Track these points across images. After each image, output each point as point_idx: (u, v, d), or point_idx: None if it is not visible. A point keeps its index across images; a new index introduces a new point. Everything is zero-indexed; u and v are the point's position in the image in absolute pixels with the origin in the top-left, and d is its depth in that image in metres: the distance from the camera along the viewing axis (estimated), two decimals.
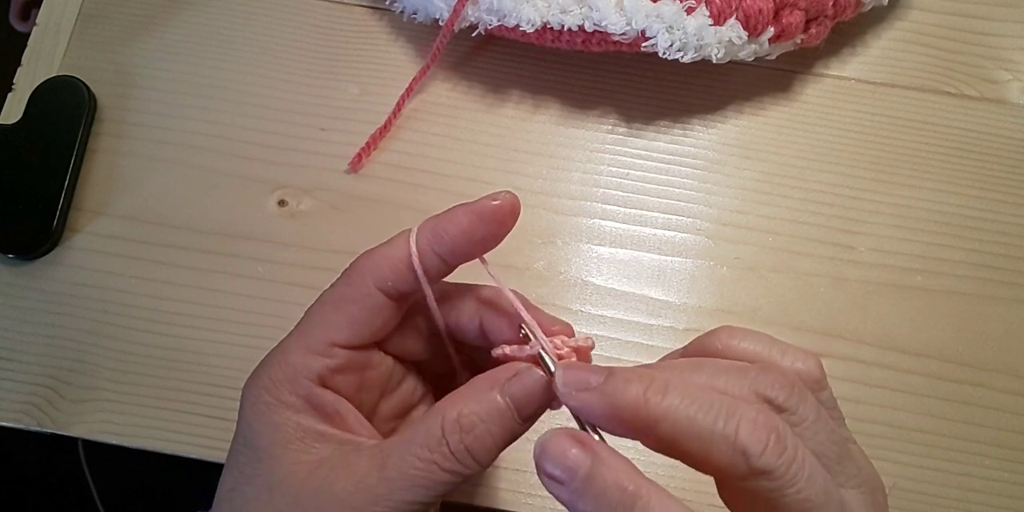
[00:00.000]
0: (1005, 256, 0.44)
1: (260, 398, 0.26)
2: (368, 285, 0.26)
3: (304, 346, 0.26)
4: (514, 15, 0.41)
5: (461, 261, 0.27)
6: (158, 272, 0.44)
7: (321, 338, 0.26)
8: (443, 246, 0.26)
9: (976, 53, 0.48)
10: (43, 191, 0.44)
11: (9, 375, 0.42)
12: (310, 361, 0.26)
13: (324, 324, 0.27)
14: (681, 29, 0.39)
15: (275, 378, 0.26)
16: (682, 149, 0.46)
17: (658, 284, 0.43)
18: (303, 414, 0.26)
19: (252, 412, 0.26)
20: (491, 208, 0.26)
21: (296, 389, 0.26)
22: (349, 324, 0.26)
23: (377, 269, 0.27)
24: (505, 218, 0.26)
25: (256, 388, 0.26)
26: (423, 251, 0.26)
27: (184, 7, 0.48)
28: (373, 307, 0.26)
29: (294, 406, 0.26)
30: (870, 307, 0.43)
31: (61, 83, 0.46)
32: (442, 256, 0.26)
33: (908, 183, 0.45)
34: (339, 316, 0.27)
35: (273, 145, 0.46)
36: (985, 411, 0.41)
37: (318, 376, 0.26)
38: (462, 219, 0.26)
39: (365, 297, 0.26)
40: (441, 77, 0.47)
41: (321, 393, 0.26)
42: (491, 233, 0.26)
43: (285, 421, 0.25)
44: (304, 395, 0.26)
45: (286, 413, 0.25)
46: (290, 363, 0.26)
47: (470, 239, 0.26)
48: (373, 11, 0.48)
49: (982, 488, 0.40)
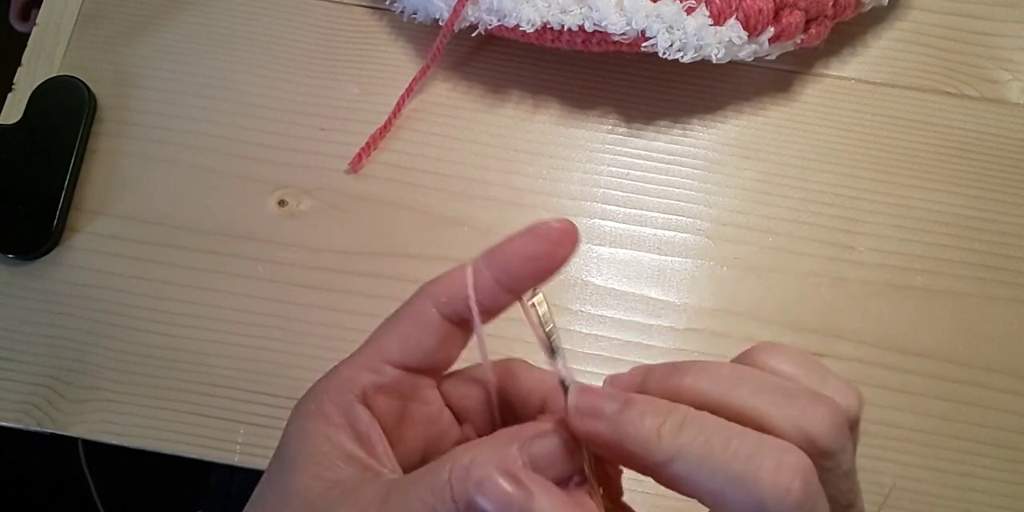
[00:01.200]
0: (1005, 256, 0.44)
1: (304, 407, 0.26)
2: (423, 302, 0.26)
3: (357, 362, 0.26)
4: (514, 15, 0.41)
5: (516, 284, 0.26)
6: (158, 272, 0.44)
7: (373, 354, 0.26)
8: (496, 263, 0.26)
9: (976, 53, 0.48)
10: (43, 191, 0.44)
11: (9, 375, 0.42)
12: (359, 375, 0.26)
13: (378, 341, 0.26)
14: (681, 29, 0.39)
15: (322, 388, 0.26)
16: (682, 149, 0.46)
17: (658, 284, 0.43)
18: (337, 429, 0.25)
19: (293, 419, 0.26)
20: (544, 227, 0.25)
21: (339, 401, 0.25)
22: (400, 340, 0.26)
23: (434, 287, 0.26)
24: (561, 238, 0.25)
25: (304, 398, 0.26)
26: (477, 270, 0.26)
27: (184, 7, 0.48)
28: (425, 324, 0.26)
29: (331, 419, 0.25)
30: (870, 307, 0.43)
31: (61, 83, 0.46)
32: (496, 275, 0.26)
33: (908, 183, 0.45)
34: (393, 333, 0.26)
35: (273, 145, 0.46)
36: (985, 411, 0.41)
37: (362, 391, 0.26)
38: (515, 238, 0.26)
39: (418, 313, 0.26)
40: (441, 77, 0.47)
41: (359, 410, 0.25)
42: (546, 252, 0.25)
43: (318, 432, 0.25)
44: (343, 409, 0.25)
45: (320, 424, 0.25)
46: (341, 376, 0.26)
47: (523, 256, 0.25)
48: (373, 11, 0.48)
49: (982, 488, 0.40)
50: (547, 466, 0.24)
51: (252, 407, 0.41)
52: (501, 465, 0.23)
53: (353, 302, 0.43)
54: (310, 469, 0.24)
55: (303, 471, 0.24)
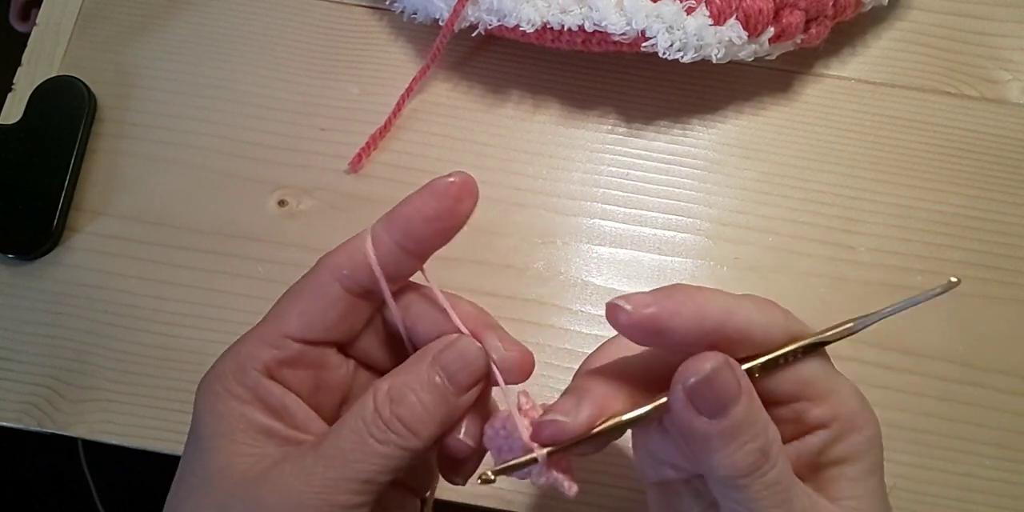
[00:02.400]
0: (1005, 256, 0.44)
1: (209, 387, 0.25)
2: (323, 275, 0.26)
3: (257, 337, 0.26)
4: (514, 15, 0.41)
5: (421, 248, 0.26)
6: (158, 272, 0.44)
7: (273, 329, 0.26)
8: (396, 228, 0.25)
9: (976, 53, 0.48)
10: (43, 191, 0.44)
11: (9, 375, 0.42)
12: (259, 351, 0.25)
13: (278, 316, 0.26)
14: (681, 29, 0.39)
15: (225, 368, 0.25)
16: (682, 149, 0.46)
17: (658, 284, 0.43)
18: (249, 406, 0.25)
19: (200, 401, 0.25)
20: (443, 184, 0.25)
21: (243, 379, 0.25)
22: (300, 315, 0.26)
23: (333, 260, 0.26)
24: (460, 194, 0.25)
25: (207, 378, 0.26)
26: (378, 237, 0.25)
27: (184, 7, 0.48)
28: (327, 298, 0.26)
29: (241, 397, 0.25)
30: (870, 307, 0.43)
31: (61, 83, 0.46)
32: (399, 242, 0.25)
33: (908, 183, 0.45)
34: (292, 308, 0.26)
35: (273, 145, 0.46)
36: (985, 411, 0.41)
37: (265, 367, 0.25)
38: (414, 199, 0.25)
39: (318, 287, 0.26)
40: (441, 77, 0.47)
41: (268, 385, 0.25)
42: (446, 210, 0.25)
43: (230, 411, 0.25)
44: (251, 386, 0.25)
45: (231, 403, 0.25)
46: (241, 353, 0.26)
47: (424, 217, 0.25)
48: (373, 11, 0.48)
49: (982, 488, 0.40)
50: (460, 372, 0.25)
51: None
52: (419, 381, 0.24)
53: None
54: (229, 447, 0.24)
55: (221, 449, 0.24)
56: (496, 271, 0.43)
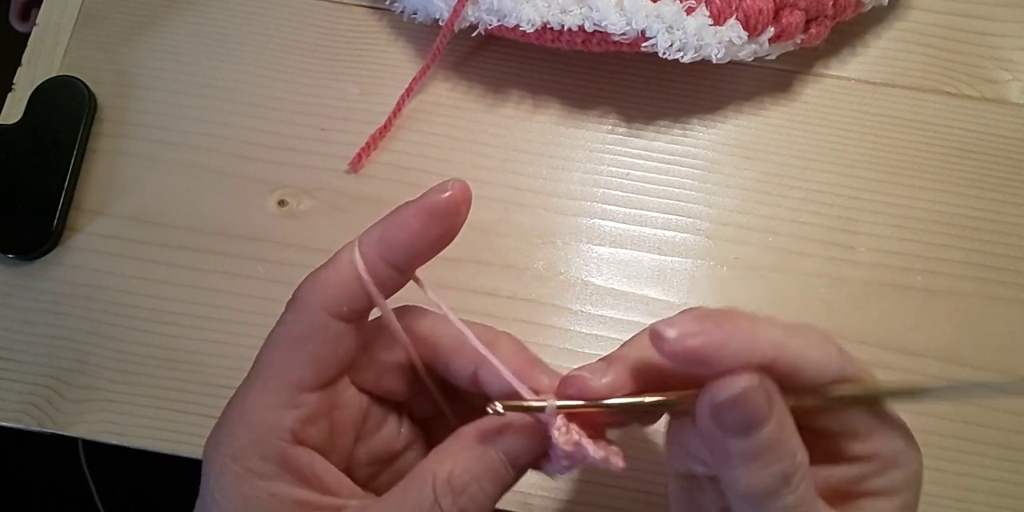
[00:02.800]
0: (1005, 256, 0.44)
1: (227, 468, 0.23)
2: (320, 315, 0.24)
3: (268, 400, 0.23)
4: (514, 15, 0.41)
5: (417, 266, 0.25)
6: (158, 272, 0.44)
7: (284, 387, 0.24)
8: (395, 254, 0.24)
9: (976, 53, 0.48)
10: (43, 191, 0.44)
11: (9, 375, 0.42)
12: (278, 417, 0.23)
13: (284, 370, 0.24)
14: (681, 29, 0.39)
15: (241, 443, 0.23)
16: (682, 149, 0.46)
17: (658, 284, 0.43)
18: (276, 481, 0.23)
19: (219, 485, 0.23)
20: (443, 203, 0.24)
21: (266, 453, 0.23)
22: (312, 364, 0.24)
23: (325, 294, 0.24)
24: (459, 208, 0.24)
25: (220, 456, 0.23)
26: (373, 264, 0.24)
27: (184, 7, 0.48)
28: (331, 339, 0.24)
29: (266, 474, 0.23)
30: (870, 307, 0.43)
31: (61, 83, 0.46)
32: (395, 265, 0.24)
33: (908, 183, 0.45)
34: (297, 357, 0.24)
35: (273, 145, 0.46)
36: (985, 411, 0.41)
37: (290, 433, 0.23)
38: (412, 222, 0.24)
39: (321, 330, 0.24)
40: (441, 77, 0.47)
41: (295, 453, 0.23)
42: (446, 229, 0.24)
43: (257, 493, 0.23)
44: (276, 458, 0.23)
45: (258, 483, 0.23)
46: (255, 423, 0.23)
47: (424, 241, 0.24)
48: (373, 11, 0.48)
49: (982, 488, 0.40)
50: (521, 456, 0.24)
51: None
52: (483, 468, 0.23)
53: None
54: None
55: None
56: (496, 271, 0.43)
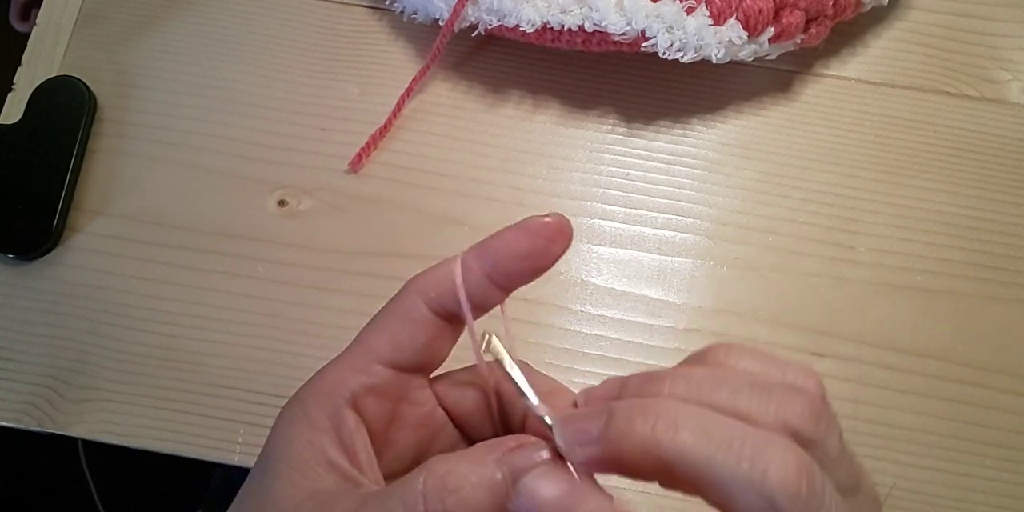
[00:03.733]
0: (1005, 256, 0.44)
1: (289, 410, 0.25)
2: (412, 298, 0.25)
3: (346, 363, 0.25)
4: (514, 15, 0.41)
5: (508, 281, 0.26)
6: (158, 272, 0.44)
7: (362, 356, 0.25)
8: (486, 259, 0.25)
9: (976, 53, 0.48)
10: (43, 191, 0.44)
11: (9, 375, 0.42)
12: (348, 377, 0.25)
13: (367, 341, 0.26)
14: (681, 29, 0.39)
15: (310, 390, 0.25)
16: (682, 149, 0.46)
17: (658, 284, 0.43)
18: (321, 434, 0.24)
19: (278, 422, 0.25)
20: (538, 223, 0.25)
21: (326, 404, 0.24)
22: (391, 339, 0.25)
23: (422, 283, 0.26)
24: (554, 235, 0.25)
25: (291, 401, 0.25)
26: (467, 265, 0.25)
27: (184, 7, 0.48)
28: (416, 321, 0.25)
29: (316, 424, 0.24)
30: (870, 307, 0.43)
31: (61, 83, 0.46)
32: (487, 271, 0.25)
33: (908, 183, 0.45)
34: (382, 332, 0.26)
35: (273, 145, 0.46)
36: (985, 411, 0.41)
37: (352, 394, 0.25)
38: (507, 233, 0.25)
39: (407, 310, 0.25)
40: (441, 77, 0.47)
41: (347, 415, 0.24)
42: (538, 249, 0.25)
43: (301, 438, 0.24)
44: (331, 413, 0.24)
45: (305, 429, 0.24)
46: (328, 378, 0.25)
47: (515, 253, 0.25)
48: (373, 11, 0.48)
49: (982, 488, 0.40)
50: None
51: (252, 407, 0.41)
52: (479, 476, 0.22)
53: (353, 302, 0.43)
54: (290, 476, 0.24)
55: (282, 477, 0.24)
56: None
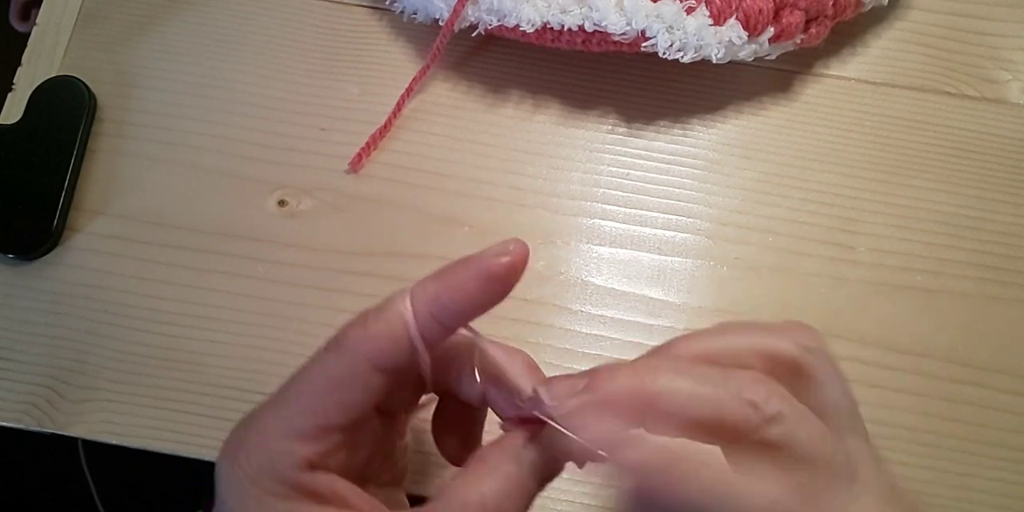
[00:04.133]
0: (1005, 256, 0.44)
1: (247, 491, 0.23)
2: (363, 365, 0.24)
3: (290, 430, 0.24)
4: (514, 15, 0.41)
5: (459, 321, 0.25)
6: (158, 272, 0.44)
7: (309, 422, 0.24)
8: (446, 314, 0.24)
9: (976, 53, 0.48)
10: (43, 191, 0.44)
11: (9, 375, 0.42)
12: (297, 447, 0.23)
13: (314, 407, 0.24)
14: (681, 29, 0.39)
15: (258, 468, 0.24)
16: (682, 149, 0.46)
17: (658, 284, 0.43)
18: (295, 503, 0.23)
19: (240, 504, 0.24)
20: (503, 268, 0.23)
21: (281, 478, 0.23)
22: (343, 408, 0.24)
23: (372, 346, 0.24)
24: (517, 272, 0.24)
25: (239, 478, 0.24)
26: (423, 320, 0.24)
27: (184, 7, 0.48)
28: (368, 388, 0.24)
29: (285, 496, 0.23)
30: (870, 307, 0.43)
31: (61, 83, 0.46)
32: (443, 323, 0.24)
33: (908, 183, 0.45)
34: (331, 400, 0.24)
35: (273, 145, 0.46)
36: (985, 411, 0.41)
37: (307, 462, 0.24)
38: (469, 285, 0.24)
39: (360, 378, 0.24)
40: (441, 77, 0.47)
41: (311, 479, 0.24)
42: (500, 293, 0.24)
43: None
44: (291, 484, 0.23)
45: (278, 505, 0.23)
46: (273, 450, 0.24)
47: (478, 303, 0.24)
48: (373, 11, 0.48)
49: (982, 488, 0.40)
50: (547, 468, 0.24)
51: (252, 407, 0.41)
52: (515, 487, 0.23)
53: (353, 302, 0.43)
54: None
55: None
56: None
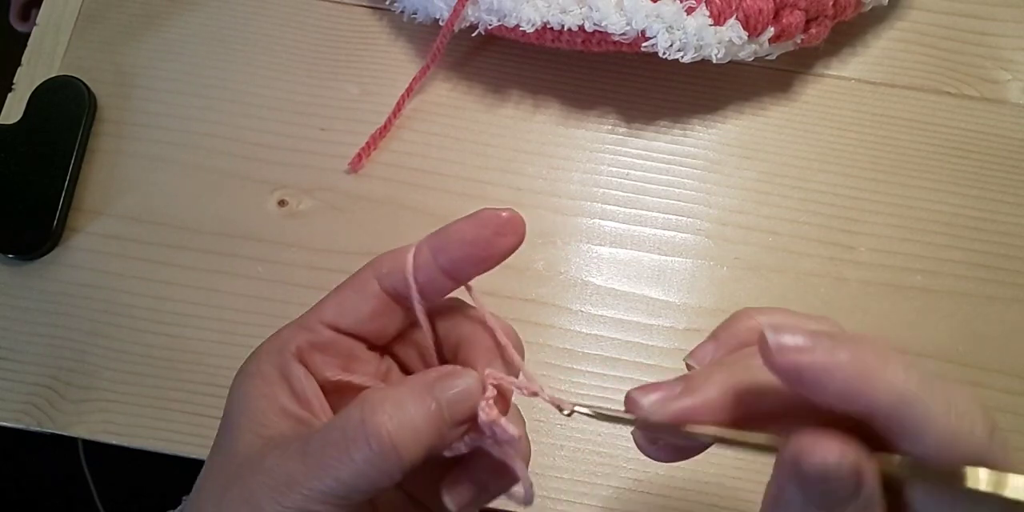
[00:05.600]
0: (1005, 256, 0.44)
1: (244, 368, 0.27)
2: (365, 272, 0.27)
3: (296, 323, 0.27)
4: (514, 15, 0.41)
5: (454, 268, 0.27)
6: (158, 272, 0.44)
7: (310, 316, 0.27)
8: (436, 244, 0.27)
9: (976, 53, 0.48)
10: (43, 191, 0.44)
11: (9, 375, 0.42)
12: (294, 334, 0.27)
13: (318, 306, 0.28)
14: (681, 29, 0.39)
15: (262, 348, 0.27)
16: (682, 149, 0.46)
17: (658, 284, 0.43)
18: (273, 386, 0.26)
19: (235, 381, 0.27)
20: (488, 214, 0.26)
21: (275, 360, 0.26)
22: (336, 304, 0.27)
23: (378, 261, 0.27)
24: (505, 228, 0.26)
25: (246, 361, 0.27)
26: (420, 252, 0.27)
27: (184, 7, 0.48)
28: (363, 292, 0.27)
29: (268, 378, 0.26)
30: (870, 307, 0.43)
31: (61, 83, 0.46)
32: (436, 257, 0.26)
33: (908, 183, 0.45)
34: (332, 298, 0.28)
35: (273, 145, 0.46)
36: None
37: (298, 348, 0.26)
38: (459, 221, 0.26)
39: (358, 282, 0.27)
40: (441, 77, 0.47)
41: (295, 368, 0.26)
42: (483, 238, 0.26)
43: (255, 392, 0.26)
44: (280, 367, 0.26)
45: (259, 384, 0.26)
46: (279, 336, 0.27)
47: (461, 239, 0.26)
48: (373, 11, 0.48)
49: None
50: (459, 407, 0.24)
51: None
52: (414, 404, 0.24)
53: None
54: (250, 427, 0.25)
55: (243, 429, 0.25)
56: (496, 271, 0.43)
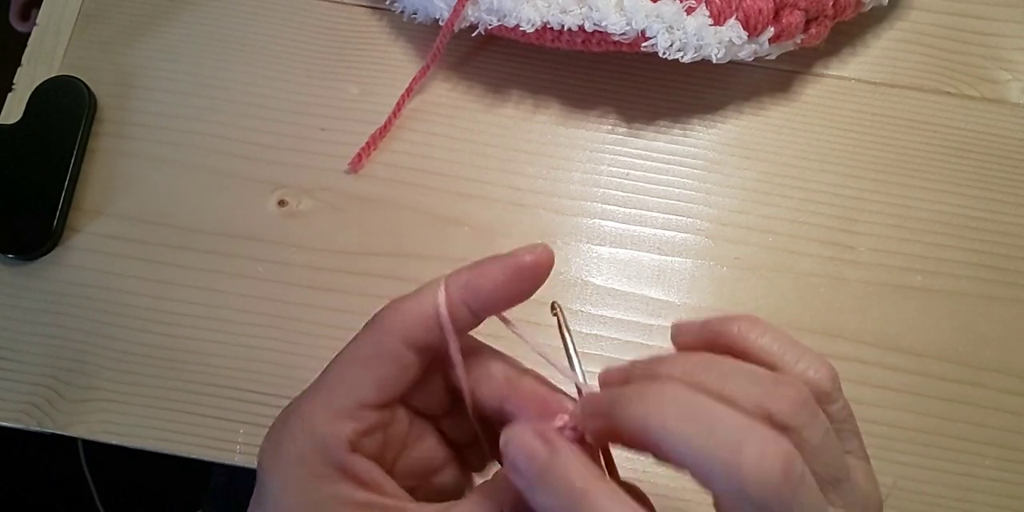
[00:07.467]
0: (1005, 256, 0.44)
1: (291, 473, 0.25)
2: (397, 343, 0.26)
3: (331, 410, 0.25)
4: (514, 15, 0.41)
5: (487, 310, 0.27)
6: (158, 272, 0.44)
7: (349, 400, 0.25)
8: (476, 301, 0.26)
9: (976, 53, 0.48)
10: (43, 191, 0.44)
11: (9, 375, 0.42)
12: (339, 427, 0.25)
13: (352, 385, 0.26)
14: (681, 29, 0.39)
15: (304, 449, 0.25)
16: (682, 149, 0.46)
17: (658, 284, 0.43)
18: (340, 484, 0.24)
19: (285, 488, 0.25)
20: (529, 265, 0.25)
21: (328, 459, 0.25)
22: (379, 385, 0.26)
23: (405, 325, 0.26)
24: (541, 273, 0.26)
25: (284, 462, 0.25)
26: (454, 304, 0.26)
27: (184, 7, 0.48)
28: (403, 366, 0.26)
29: (330, 477, 0.25)
30: (870, 307, 0.43)
31: (61, 83, 0.46)
32: (473, 310, 0.26)
33: (908, 183, 0.45)
34: (367, 376, 0.26)
35: (273, 145, 0.46)
36: (985, 411, 0.41)
37: (348, 442, 0.25)
38: (497, 275, 0.26)
39: (395, 356, 0.26)
40: (441, 77, 0.47)
41: (355, 461, 0.25)
42: (526, 289, 0.26)
43: (322, 496, 0.24)
44: (337, 465, 0.25)
45: (323, 487, 0.24)
46: (319, 432, 0.25)
47: (504, 295, 0.26)
48: (373, 11, 0.48)
49: (982, 488, 0.40)
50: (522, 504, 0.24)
51: (252, 407, 0.41)
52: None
53: (353, 302, 0.43)
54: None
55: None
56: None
